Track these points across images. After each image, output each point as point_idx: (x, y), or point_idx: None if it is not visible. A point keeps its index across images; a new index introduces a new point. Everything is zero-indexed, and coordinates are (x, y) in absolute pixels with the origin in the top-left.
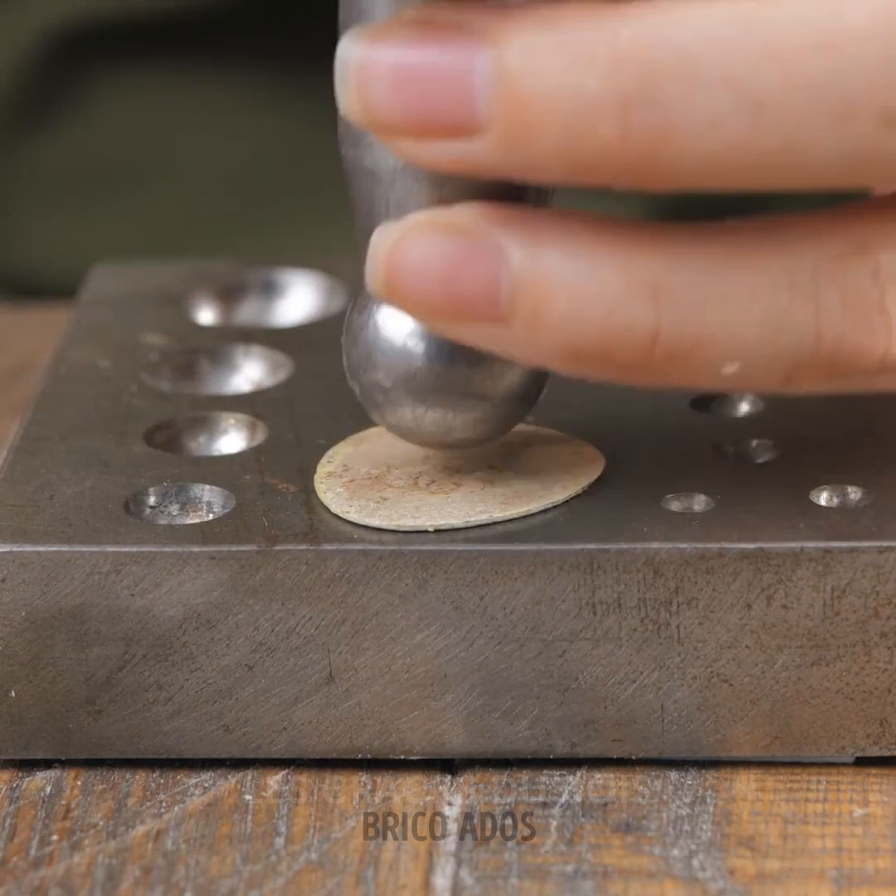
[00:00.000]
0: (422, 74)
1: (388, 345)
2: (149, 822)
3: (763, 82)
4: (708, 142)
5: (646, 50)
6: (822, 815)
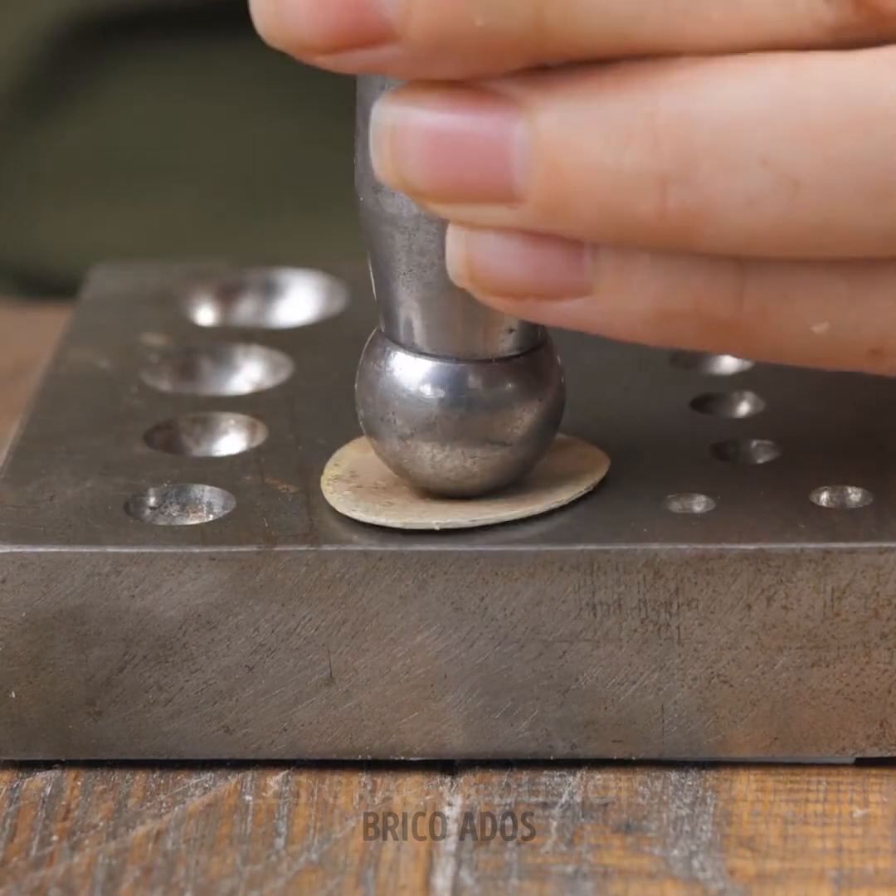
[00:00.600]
0: (457, 141)
1: (406, 393)
2: (149, 823)
3: (800, 162)
4: (745, 221)
5: (684, 128)
6: (822, 816)
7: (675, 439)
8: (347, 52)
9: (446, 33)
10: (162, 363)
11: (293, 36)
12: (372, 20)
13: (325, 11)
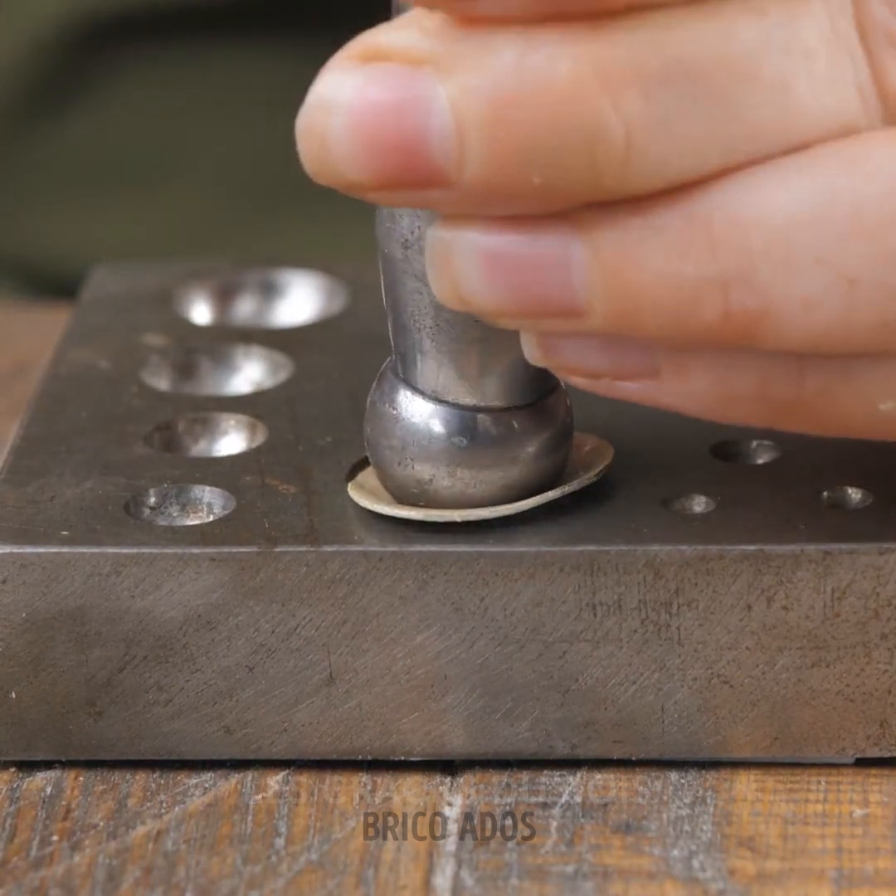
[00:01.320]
0: (516, 263)
1: (425, 440)
2: (149, 823)
3: (854, 259)
4: (805, 322)
5: (739, 232)
6: (822, 816)
7: (676, 440)
8: (398, 193)
9: (502, 186)
10: (162, 363)
11: (340, 177)
12: (423, 167)
13: (374, 157)
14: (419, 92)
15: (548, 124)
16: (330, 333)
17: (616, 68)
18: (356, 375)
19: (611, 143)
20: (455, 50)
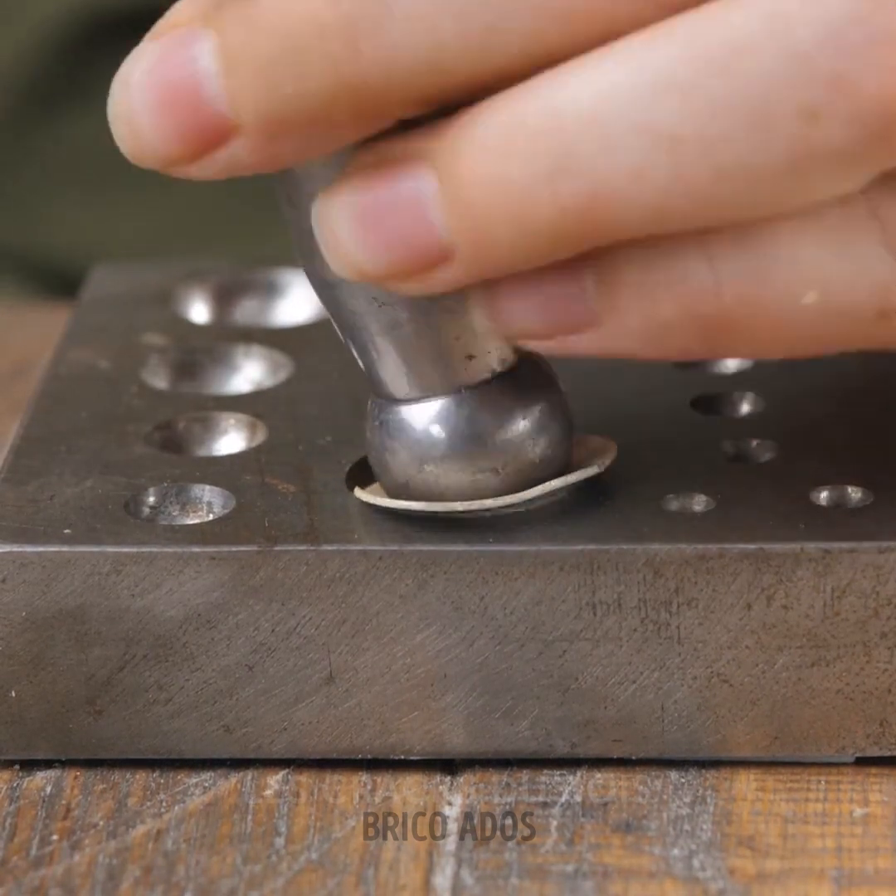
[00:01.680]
0: (381, 212)
1: (397, 442)
2: (149, 822)
3: (669, 116)
4: (638, 194)
5: (553, 121)
6: (822, 815)
7: (676, 439)
8: (206, 157)
9: (270, 109)
10: (162, 363)
11: (151, 153)
12: (206, 116)
13: (165, 122)
14: (187, 47)
15: (279, 35)
16: (330, 333)
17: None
18: (356, 375)
19: (335, 35)
20: (213, 3)
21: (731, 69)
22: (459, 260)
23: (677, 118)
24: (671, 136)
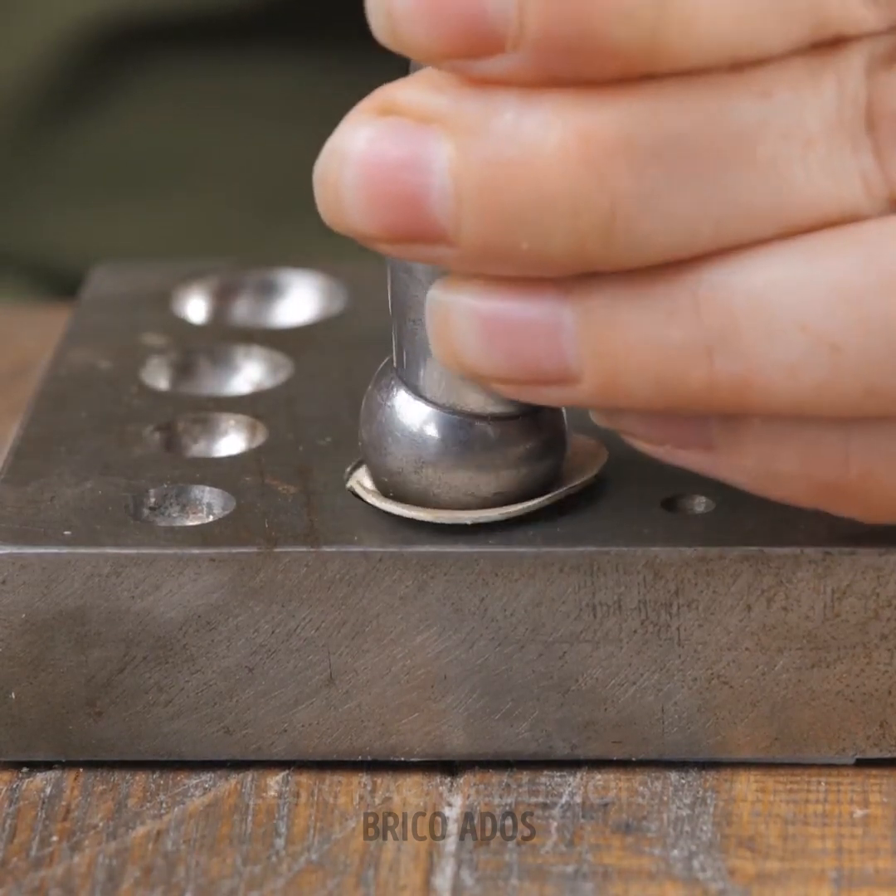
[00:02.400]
0: (509, 327)
1: (400, 433)
2: (149, 823)
3: (836, 325)
4: (790, 387)
5: (723, 298)
6: (822, 816)
7: None
8: (404, 246)
9: (495, 248)
10: (162, 363)
11: (351, 227)
12: (423, 224)
13: (378, 209)
14: (423, 150)
15: (534, 192)
16: (330, 333)
17: (604, 140)
18: (356, 375)
19: (594, 216)
20: (461, 108)
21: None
22: (581, 389)
23: (842, 327)
24: (832, 344)
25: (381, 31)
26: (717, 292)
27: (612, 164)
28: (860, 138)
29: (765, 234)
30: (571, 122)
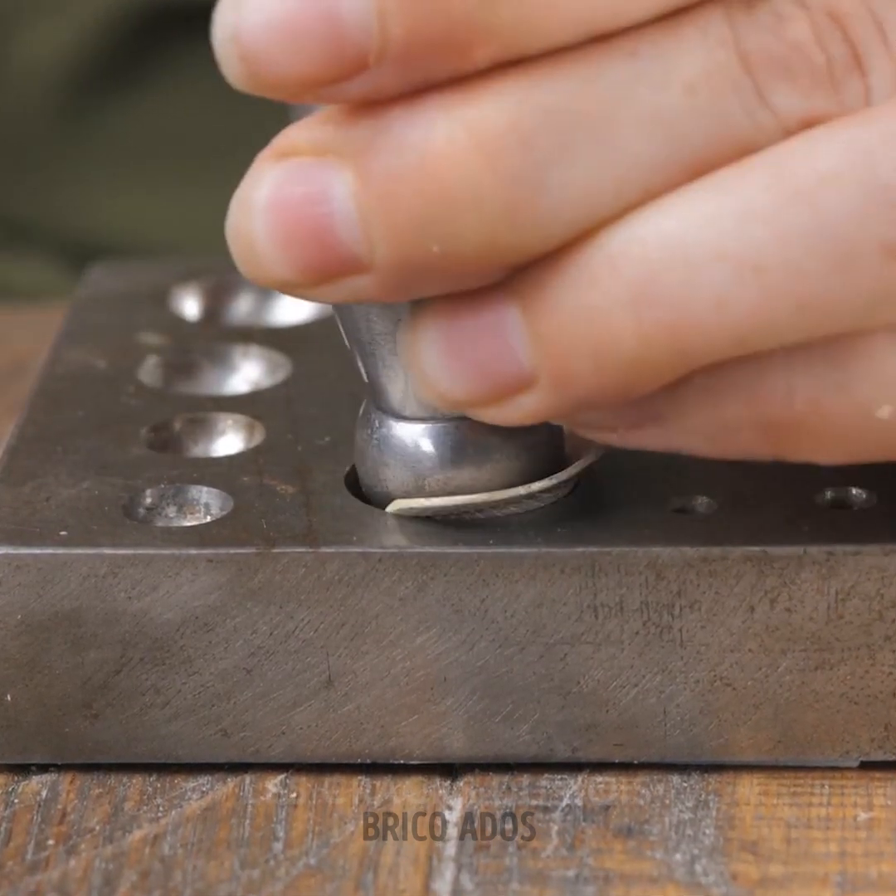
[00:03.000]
0: (465, 343)
1: (395, 458)
2: (146, 827)
3: (754, 247)
4: (722, 322)
5: (637, 250)
6: (825, 820)
7: None
8: (325, 286)
9: (410, 261)
10: (159, 363)
11: (269, 277)
12: (336, 256)
13: (290, 252)
14: (322, 182)
15: (433, 193)
16: (329, 332)
17: (489, 126)
18: (355, 374)
19: (496, 202)
20: (350, 133)
21: (815, 201)
22: (541, 388)
23: (761, 248)
24: (755, 266)
25: (235, 75)
26: (629, 246)
27: (502, 147)
28: (739, 79)
29: (668, 182)
30: (455, 116)
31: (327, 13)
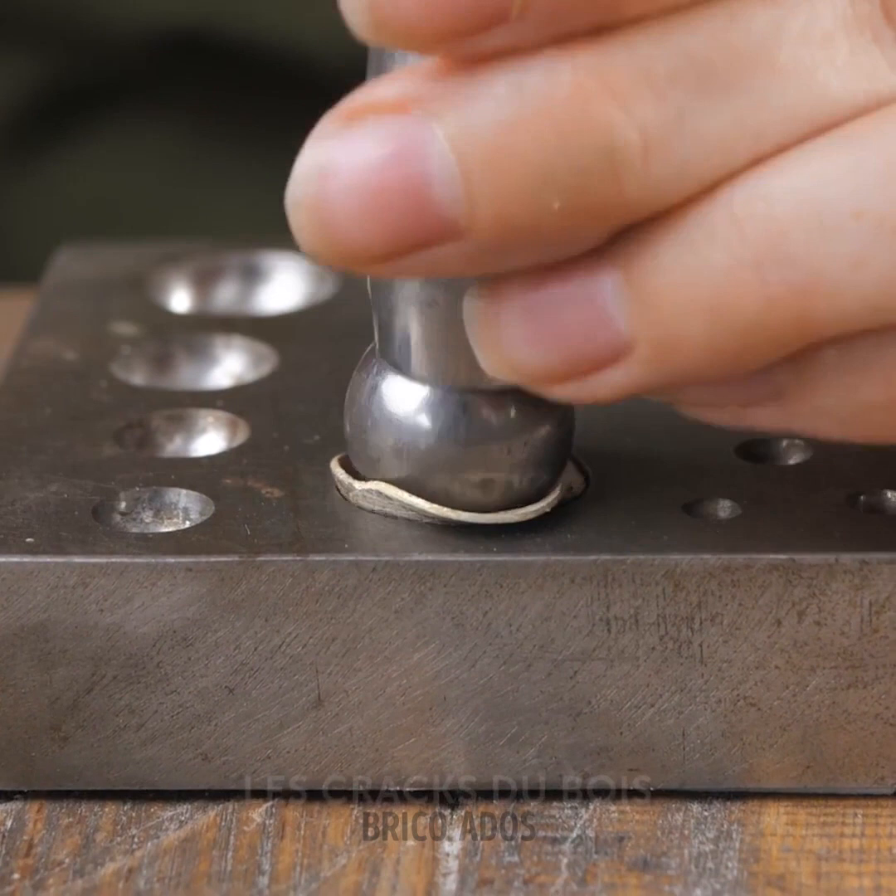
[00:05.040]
0: (556, 314)
1: (397, 418)
2: (119, 860)
3: (892, 203)
4: (857, 282)
5: (764, 207)
6: (859, 852)
7: (698, 439)
8: (405, 258)
9: (518, 223)
10: (134, 355)
11: (343, 249)
12: (431, 219)
13: (378, 217)
14: (412, 137)
15: (558, 142)
16: (317, 322)
17: (621, 73)
18: (346, 368)
19: (628, 149)
20: (444, 89)
21: None
22: (637, 360)
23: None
24: (894, 227)
25: (360, 24)
26: (756, 203)
27: (636, 93)
28: (881, 30)
29: (805, 136)
30: (583, 63)
31: None
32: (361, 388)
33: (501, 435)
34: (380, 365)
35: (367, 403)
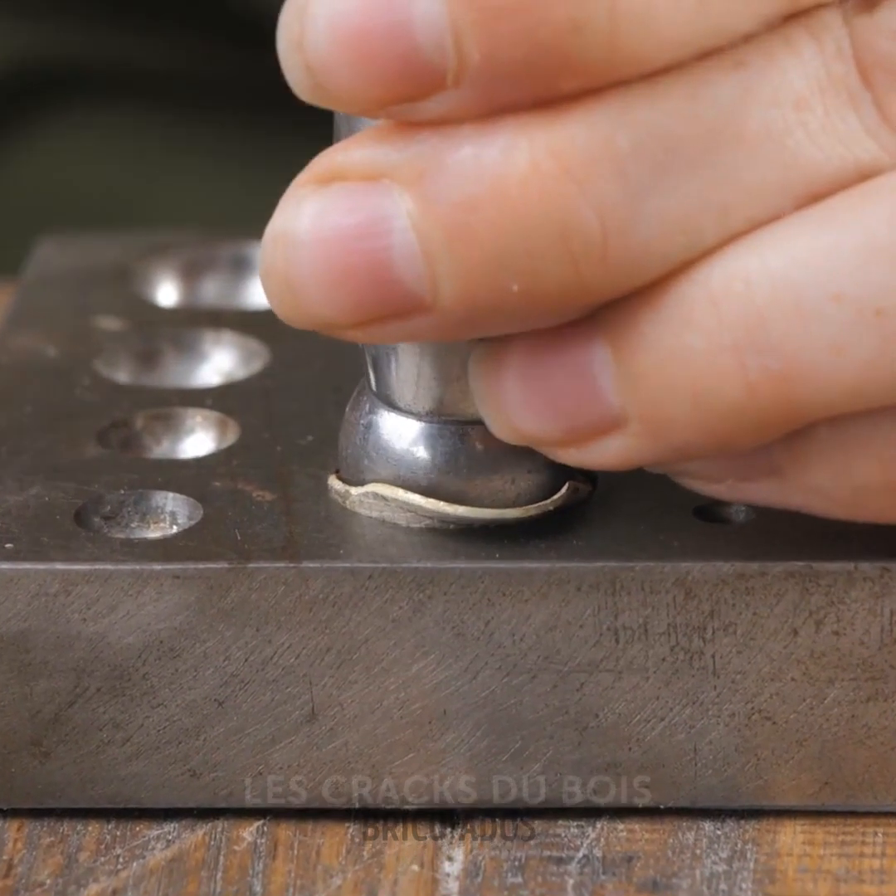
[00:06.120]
0: (551, 382)
1: (397, 454)
2: (103, 881)
3: (874, 288)
4: (839, 368)
5: (740, 289)
6: (879, 873)
7: None
8: (376, 327)
9: (483, 300)
10: (118, 351)
11: (313, 318)
12: (394, 294)
13: (340, 290)
14: (377, 211)
15: (513, 225)
16: None
17: (579, 150)
18: (340, 365)
19: (585, 233)
20: (410, 155)
21: None
22: (632, 432)
23: (884, 288)
24: (877, 310)
25: (301, 87)
26: (733, 283)
27: (593, 171)
28: (857, 92)
29: (778, 210)
30: (539, 139)
31: (397, 28)
32: (356, 426)
33: (505, 468)
34: (372, 402)
35: (362, 442)
